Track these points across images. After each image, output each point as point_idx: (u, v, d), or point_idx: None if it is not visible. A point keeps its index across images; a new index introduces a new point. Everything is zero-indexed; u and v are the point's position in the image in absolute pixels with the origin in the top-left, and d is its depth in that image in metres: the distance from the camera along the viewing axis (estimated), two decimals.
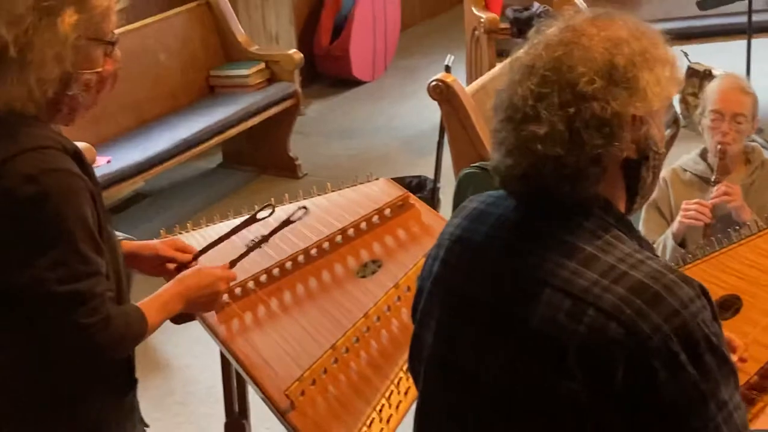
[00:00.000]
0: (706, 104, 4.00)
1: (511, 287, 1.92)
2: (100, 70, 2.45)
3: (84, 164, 2.45)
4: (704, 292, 1.85)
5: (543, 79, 1.87)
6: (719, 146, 3.94)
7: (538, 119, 1.86)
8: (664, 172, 3.91)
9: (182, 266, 2.90)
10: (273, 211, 3.09)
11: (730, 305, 3.05)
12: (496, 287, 1.94)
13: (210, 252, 3.00)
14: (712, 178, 3.95)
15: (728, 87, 4.03)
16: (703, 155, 4.09)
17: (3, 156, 2.34)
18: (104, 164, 5.71)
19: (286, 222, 3.11)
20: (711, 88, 4.06)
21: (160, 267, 2.90)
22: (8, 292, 2.36)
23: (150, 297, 2.62)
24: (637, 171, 1.94)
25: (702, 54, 7.03)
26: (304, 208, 3.19)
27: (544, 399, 1.85)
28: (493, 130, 1.95)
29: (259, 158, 7.10)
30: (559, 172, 1.86)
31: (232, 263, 2.94)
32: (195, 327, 3.15)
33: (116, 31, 2.49)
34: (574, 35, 1.90)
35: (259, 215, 3.08)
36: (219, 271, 2.82)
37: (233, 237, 3.08)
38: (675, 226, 3.89)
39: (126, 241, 2.92)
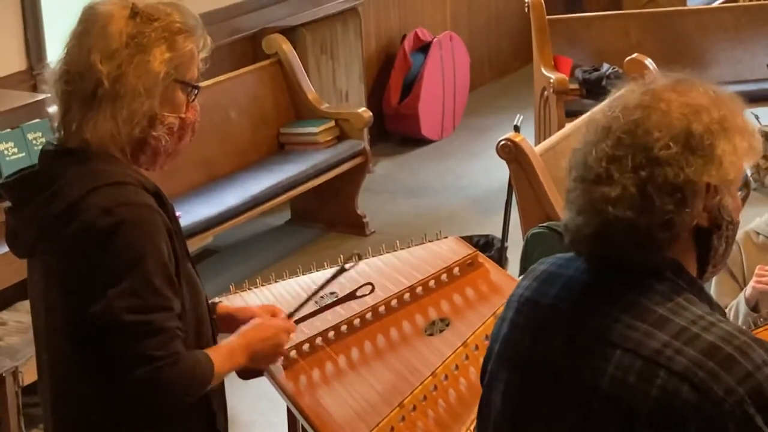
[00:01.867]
0: None
1: (581, 349, 1.90)
2: (183, 115, 2.52)
3: (165, 203, 2.50)
4: None
5: (618, 142, 1.87)
6: None
7: (610, 181, 1.86)
8: (737, 235, 3.86)
9: None
10: (360, 259, 3.11)
11: None
12: (565, 349, 1.93)
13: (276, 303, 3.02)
14: None
15: None
16: None
17: (83, 191, 2.40)
18: None
19: (352, 294, 3.13)
20: None
21: None
22: (86, 326, 2.39)
23: (215, 346, 2.63)
24: (709, 240, 1.93)
25: None
26: (358, 255, 3.17)
27: None
28: (567, 189, 1.95)
29: (327, 215, 7.13)
30: (628, 236, 1.86)
31: (293, 317, 2.96)
32: (259, 383, 3.16)
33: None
34: (653, 99, 1.90)
35: (347, 266, 3.09)
36: (280, 322, 2.84)
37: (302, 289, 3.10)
38: (748, 290, 3.83)
39: (223, 304, 2.95)
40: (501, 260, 5.40)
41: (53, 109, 4.81)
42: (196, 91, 2.56)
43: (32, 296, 2.61)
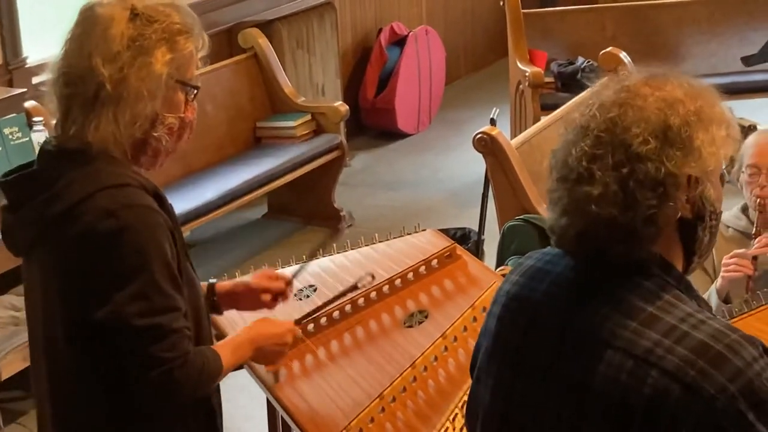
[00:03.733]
0: (743, 159, 3.96)
1: (571, 347, 1.91)
2: (182, 115, 2.51)
3: (164, 203, 2.50)
4: (766, 351, 1.84)
5: (597, 140, 1.88)
6: (758, 200, 3.90)
7: (592, 180, 1.87)
8: None
9: (277, 295, 2.96)
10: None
11: None
12: (556, 346, 1.94)
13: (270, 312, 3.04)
14: (753, 232, 3.91)
15: (764, 141, 3.98)
16: (745, 211, 4.05)
17: (84, 193, 2.39)
18: None
19: (353, 287, 3.17)
20: (747, 143, 4.00)
21: (256, 301, 2.94)
22: (89, 329, 2.39)
23: (221, 341, 2.66)
24: (693, 231, 1.94)
25: (747, 109, 7.02)
26: (372, 276, 3.21)
27: None
28: (548, 189, 1.96)
29: (304, 209, 7.13)
30: (613, 233, 1.87)
31: (297, 322, 3.00)
32: (238, 376, 3.16)
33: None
34: (629, 96, 1.91)
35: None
36: (287, 323, 2.87)
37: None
38: (718, 282, 3.84)
39: (220, 283, 2.96)
40: (478, 253, 5.42)
41: (30, 103, 4.83)
42: (196, 91, 2.56)
43: (30, 302, 2.60)
